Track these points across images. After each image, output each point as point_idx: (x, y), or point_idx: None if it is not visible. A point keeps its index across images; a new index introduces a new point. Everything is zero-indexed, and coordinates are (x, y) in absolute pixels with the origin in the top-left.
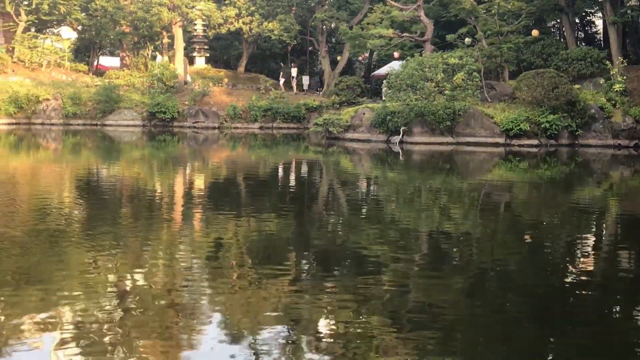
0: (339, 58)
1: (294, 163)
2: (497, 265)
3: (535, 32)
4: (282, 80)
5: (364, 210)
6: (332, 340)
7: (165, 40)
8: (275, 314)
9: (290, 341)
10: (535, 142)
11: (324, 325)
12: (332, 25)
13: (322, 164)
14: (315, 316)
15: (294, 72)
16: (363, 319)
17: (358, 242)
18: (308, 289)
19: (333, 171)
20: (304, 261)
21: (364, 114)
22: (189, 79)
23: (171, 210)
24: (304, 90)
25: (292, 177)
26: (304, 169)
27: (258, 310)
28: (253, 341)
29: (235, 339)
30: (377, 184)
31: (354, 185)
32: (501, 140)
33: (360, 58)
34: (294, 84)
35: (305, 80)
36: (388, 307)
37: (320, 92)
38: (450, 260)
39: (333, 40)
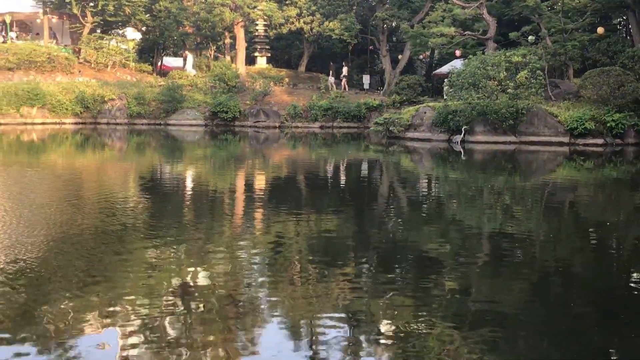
0: (399, 57)
1: (354, 162)
2: (561, 265)
3: (600, 30)
4: (331, 79)
5: (424, 210)
6: (392, 339)
7: (228, 41)
8: (336, 312)
9: (350, 340)
10: (600, 141)
11: (385, 324)
12: (393, 24)
13: (382, 163)
14: (375, 315)
15: (344, 70)
16: (424, 318)
17: (419, 242)
18: (368, 287)
19: (393, 170)
20: (364, 260)
21: (425, 113)
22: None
23: (233, 208)
24: (364, 89)
25: (353, 176)
26: (365, 168)
27: (319, 308)
28: (313, 339)
29: (296, 337)
30: (438, 184)
31: (415, 184)
32: (565, 139)
33: (421, 57)
34: (344, 83)
35: (366, 79)
36: (449, 306)
37: (381, 91)
38: (513, 260)
39: (394, 39)
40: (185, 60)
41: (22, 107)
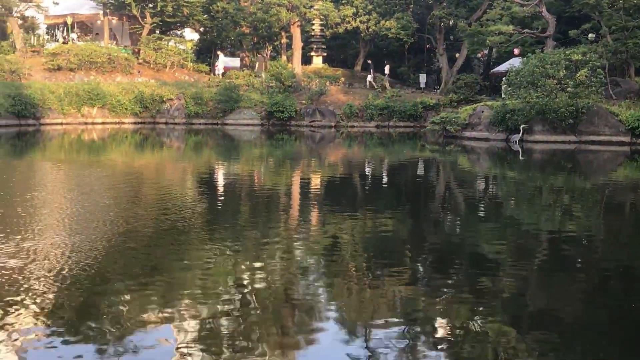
0: (456, 55)
1: (410, 161)
2: (621, 267)
3: None
4: (370, 77)
5: (482, 210)
6: (448, 339)
7: (284, 41)
8: (392, 312)
9: (407, 340)
10: None
11: (441, 325)
12: (450, 23)
13: (439, 163)
14: (431, 315)
15: (386, 69)
16: (480, 319)
17: (476, 242)
18: (425, 287)
19: (450, 170)
20: (420, 260)
21: (482, 112)
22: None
23: (289, 208)
24: (420, 88)
25: (409, 175)
26: (421, 167)
27: (375, 308)
28: (370, 339)
29: (352, 336)
30: (496, 183)
31: (472, 184)
32: (626, 138)
33: (478, 55)
34: (386, 81)
35: (422, 78)
36: (506, 308)
37: (438, 90)
38: (572, 262)
39: (451, 37)
40: (217, 60)
41: (83, 107)
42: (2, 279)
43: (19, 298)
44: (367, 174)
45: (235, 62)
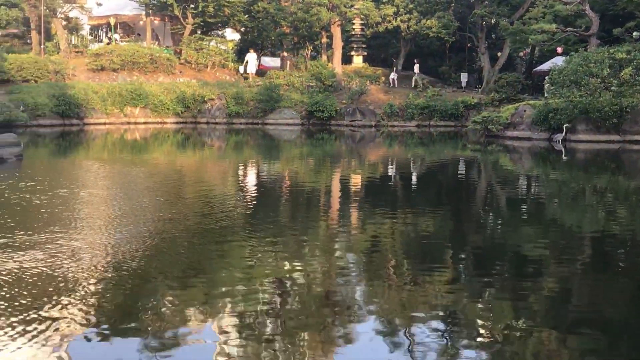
0: (498, 54)
1: (451, 161)
2: None
3: None
4: (394, 75)
5: (524, 210)
6: (489, 340)
7: (324, 40)
8: (432, 312)
9: (447, 341)
10: None
11: (481, 325)
12: (492, 21)
13: (480, 162)
14: (472, 316)
15: (416, 68)
16: (522, 320)
17: (518, 242)
18: (465, 288)
19: (492, 170)
20: (461, 260)
21: (524, 111)
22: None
23: (329, 207)
24: (462, 87)
25: (450, 175)
26: (462, 167)
27: (414, 308)
28: (409, 339)
29: (391, 336)
30: (538, 183)
31: (514, 184)
32: None
33: (521, 54)
34: (415, 80)
35: (464, 77)
36: (548, 309)
37: (479, 89)
38: (615, 263)
39: (493, 36)
40: (248, 59)
41: (126, 107)
42: (46, 277)
43: (61, 296)
44: (407, 173)
45: (275, 62)
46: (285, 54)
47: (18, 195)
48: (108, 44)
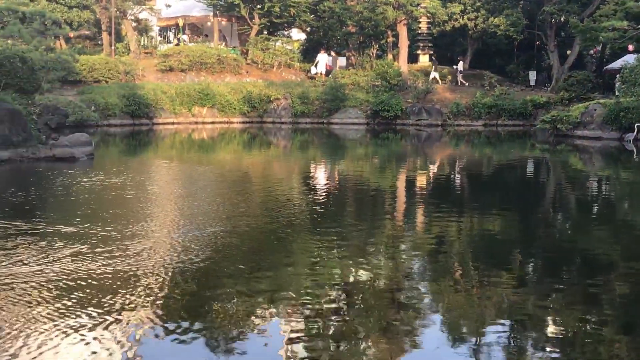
0: (568, 52)
1: (519, 161)
2: None
3: None
4: (435, 74)
5: (594, 211)
6: (558, 343)
7: (390, 39)
8: (498, 313)
9: (514, 344)
10: None
11: (550, 328)
12: (562, 19)
13: (549, 162)
14: (540, 318)
15: (460, 65)
16: (591, 324)
17: (587, 244)
18: (533, 290)
19: (561, 170)
20: (529, 262)
21: (595, 110)
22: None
23: (394, 207)
24: (530, 86)
25: (517, 175)
26: (530, 167)
27: (482, 310)
28: (477, 341)
29: (458, 338)
30: (609, 184)
31: (584, 184)
32: None
33: (591, 52)
34: (460, 78)
35: (532, 75)
36: (619, 313)
37: (548, 88)
38: None
39: (562, 34)
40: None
41: (194, 107)
42: (115, 275)
43: (130, 294)
44: (474, 173)
45: (341, 61)
46: (351, 53)
47: (88, 193)
48: (177, 44)
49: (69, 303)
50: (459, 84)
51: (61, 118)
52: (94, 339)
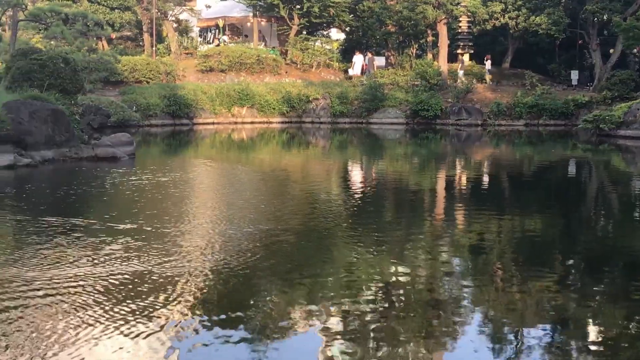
0: (611, 51)
1: (561, 161)
2: None
3: None
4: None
5: (637, 212)
6: (599, 345)
7: (430, 38)
8: (539, 316)
9: (556, 344)
10: None
11: (592, 329)
12: (604, 17)
13: (591, 163)
14: (582, 319)
15: (488, 64)
16: (635, 327)
17: (631, 245)
18: (575, 291)
19: (603, 170)
20: (570, 263)
21: (638, 109)
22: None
23: (434, 207)
24: (572, 85)
25: (559, 175)
26: (572, 167)
27: (523, 310)
28: (518, 343)
29: (499, 340)
30: None
31: (627, 185)
32: None
33: (634, 51)
34: (487, 76)
35: (574, 75)
36: None
37: (590, 87)
38: None
39: (605, 32)
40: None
41: (233, 107)
42: (157, 274)
43: (170, 293)
44: (515, 173)
45: (380, 61)
46: (390, 52)
47: (138, 191)
48: (217, 45)
49: (135, 302)
50: (488, 82)
51: (103, 118)
52: (136, 336)
